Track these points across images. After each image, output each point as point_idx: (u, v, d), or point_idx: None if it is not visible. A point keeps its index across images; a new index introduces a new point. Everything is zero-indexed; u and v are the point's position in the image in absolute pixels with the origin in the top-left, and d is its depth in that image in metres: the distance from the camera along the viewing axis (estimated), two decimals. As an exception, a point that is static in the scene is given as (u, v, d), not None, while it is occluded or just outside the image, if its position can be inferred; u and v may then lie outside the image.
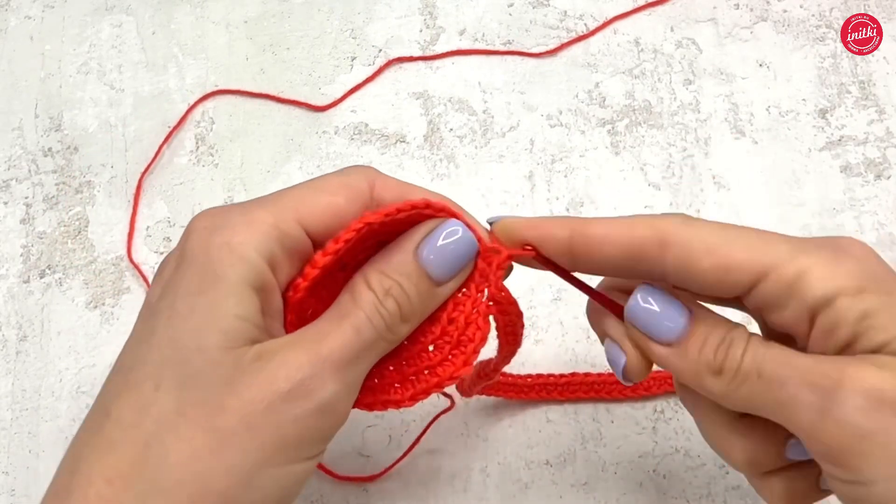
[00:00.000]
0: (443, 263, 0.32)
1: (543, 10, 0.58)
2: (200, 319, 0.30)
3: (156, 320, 0.31)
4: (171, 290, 0.31)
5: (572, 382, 0.46)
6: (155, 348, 0.30)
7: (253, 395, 0.29)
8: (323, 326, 0.31)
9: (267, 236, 0.31)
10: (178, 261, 0.31)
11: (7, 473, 0.48)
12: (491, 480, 0.46)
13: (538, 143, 0.54)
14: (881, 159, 0.53)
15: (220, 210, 0.32)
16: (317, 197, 0.32)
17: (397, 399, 0.34)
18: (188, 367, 0.29)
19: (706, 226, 0.31)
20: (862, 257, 0.30)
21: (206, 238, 0.31)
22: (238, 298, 0.30)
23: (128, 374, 0.31)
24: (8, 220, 0.54)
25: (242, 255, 0.30)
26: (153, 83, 0.58)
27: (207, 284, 0.30)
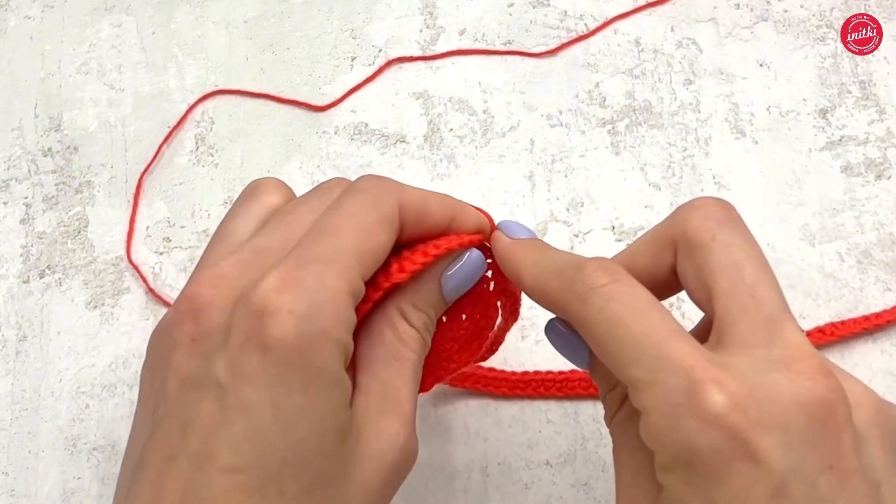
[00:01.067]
0: (458, 288, 0.34)
1: (543, 10, 0.58)
2: (315, 421, 0.28)
3: (255, 417, 0.27)
4: (265, 385, 0.27)
5: (571, 379, 0.46)
6: (270, 452, 0.27)
7: (368, 476, 0.30)
8: (385, 376, 0.31)
9: (349, 307, 0.29)
10: (259, 345, 0.27)
11: (7, 474, 0.48)
12: (491, 480, 0.46)
13: (538, 143, 0.54)
14: (882, 159, 0.53)
15: (290, 280, 0.28)
16: (369, 241, 0.30)
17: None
18: (311, 470, 0.28)
19: (596, 313, 0.28)
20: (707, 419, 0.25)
21: (298, 326, 0.27)
22: (342, 390, 0.29)
23: (238, 475, 0.27)
24: (7, 220, 0.54)
25: (339, 342, 0.28)
26: (153, 83, 0.57)
27: (312, 381, 0.28)
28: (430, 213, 0.33)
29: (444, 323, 0.36)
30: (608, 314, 0.28)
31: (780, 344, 0.26)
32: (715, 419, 0.24)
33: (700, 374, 0.25)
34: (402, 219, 0.31)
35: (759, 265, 0.28)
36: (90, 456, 0.48)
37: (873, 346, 0.48)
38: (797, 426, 0.25)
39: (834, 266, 0.50)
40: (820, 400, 0.25)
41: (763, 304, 0.27)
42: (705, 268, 0.29)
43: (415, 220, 0.32)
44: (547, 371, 0.46)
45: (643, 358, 0.26)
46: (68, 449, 0.48)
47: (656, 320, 0.27)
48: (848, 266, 0.50)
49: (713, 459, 0.25)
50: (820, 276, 0.50)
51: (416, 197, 0.32)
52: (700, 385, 0.25)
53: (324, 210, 0.31)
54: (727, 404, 0.25)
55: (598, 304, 0.28)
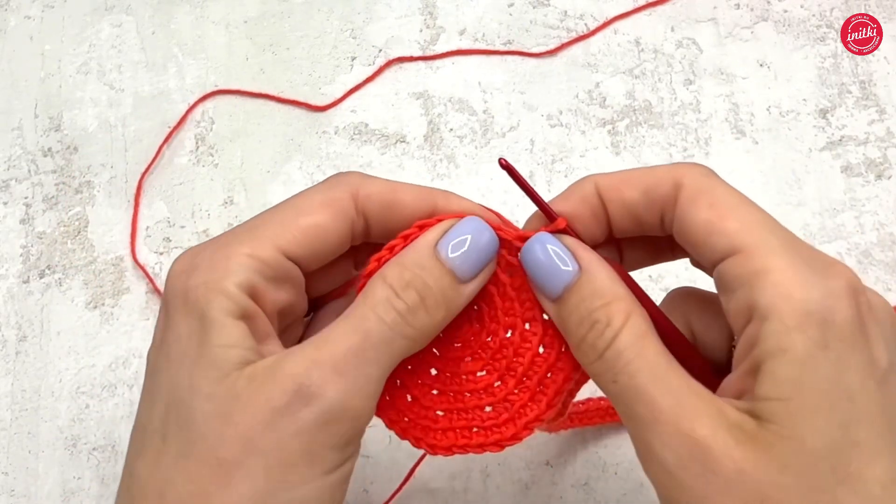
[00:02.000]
0: (465, 259, 0.31)
1: (543, 10, 0.58)
2: (191, 361, 0.30)
3: (157, 374, 0.31)
4: (164, 341, 0.31)
5: (590, 409, 0.44)
6: (158, 401, 0.30)
7: (249, 417, 0.28)
8: (326, 331, 0.30)
9: (244, 268, 0.31)
10: (164, 310, 0.32)
11: (7, 474, 0.48)
12: (491, 480, 0.46)
13: (538, 143, 0.54)
14: (882, 159, 0.53)
15: (195, 250, 0.32)
16: (297, 219, 0.32)
17: (536, 414, 0.32)
18: (185, 409, 0.29)
19: (725, 188, 0.31)
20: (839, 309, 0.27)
21: (184, 282, 0.31)
22: (220, 329, 0.30)
23: (142, 432, 0.31)
24: (8, 220, 0.54)
25: (219, 290, 0.30)
26: (153, 83, 0.57)
27: (193, 327, 0.30)
28: (401, 203, 0.32)
29: (527, 330, 0.33)
30: (736, 192, 0.32)
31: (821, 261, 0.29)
32: (852, 291, 0.27)
33: (830, 258, 0.29)
34: (362, 206, 0.32)
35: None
36: (90, 456, 0.48)
37: (873, 346, 0.48)
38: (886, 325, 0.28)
39: (834, 266, 0.50)
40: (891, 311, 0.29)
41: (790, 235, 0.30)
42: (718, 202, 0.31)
43: (379, 209, 0.32)
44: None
45: (776, 230, 0.30)
46: (68, 449, 0.48)
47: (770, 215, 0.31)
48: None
49: (848, 324, 0.27)
50: (820, 276, 0.50)
51: (380, 186, 0.33)
52: (835, 264, 0.28)
53: None
54: (859, 285, 0.28)
55: (724, 184, 0.32)
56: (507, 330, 0.33)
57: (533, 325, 0.33)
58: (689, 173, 0.31)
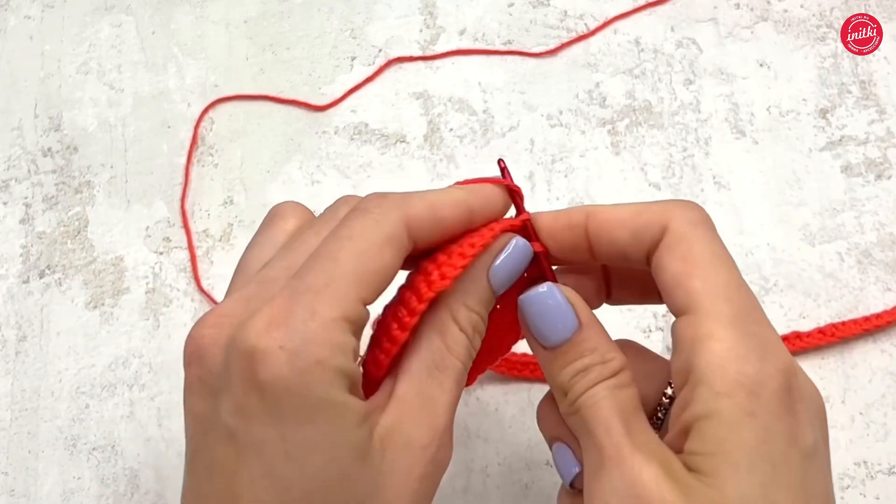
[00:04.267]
0: (507, 280, 0.33)
1: (543, 9, 0.58)
2: (328, 449, 0.28)
3: (267, 458, 0.28)
4: (271, 423, 0.27)
5: None
6: (290, 487, 0.28)
7: (397, 493, 0.29)
8: (425, 385, 0.31)
9: (345, 334, 0.28)
10: (255, 386, 0.27)
11: (6, 474, 0.48)
12: (491, 480, 0.46)
13: (538, 143, 0.54)
14: (882, 159, 0.53)
15: (278, 315, 0.28)
16: (367, 264, 0.29)
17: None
18: (335, 496, 0.28)
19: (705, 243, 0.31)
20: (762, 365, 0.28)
21: (291, 361, 0.27)
22: (352, 412, 0.28)
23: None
24: (7, 221, 0.54)
25: (338, 370, 0.28)
26: (153, 83, 0.57)
27: (316, 412, 0.27)
28: (444, 219, 0.32)
29: (497, 311, 0.34)
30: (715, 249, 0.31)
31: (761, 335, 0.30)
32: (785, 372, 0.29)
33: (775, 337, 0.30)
34: (413, 233, 0.31)
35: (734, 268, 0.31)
36: (90, 456, 0.48)
37: (873, 346, 0.48)
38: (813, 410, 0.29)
39: (834, 266, 0.50)
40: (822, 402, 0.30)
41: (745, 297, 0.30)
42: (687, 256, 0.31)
43: (429, 230, 0.31)
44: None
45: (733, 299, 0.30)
46: (68, 449, 0.48)
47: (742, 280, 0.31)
48: (848, 266, 0.50)
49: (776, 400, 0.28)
50: (820, 276, 0.50)
51: (423, 206, 0.31)
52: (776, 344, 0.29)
53: (327, 236, 0.30)
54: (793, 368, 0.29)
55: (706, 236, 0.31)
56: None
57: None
58: (678, 218, 0.31)
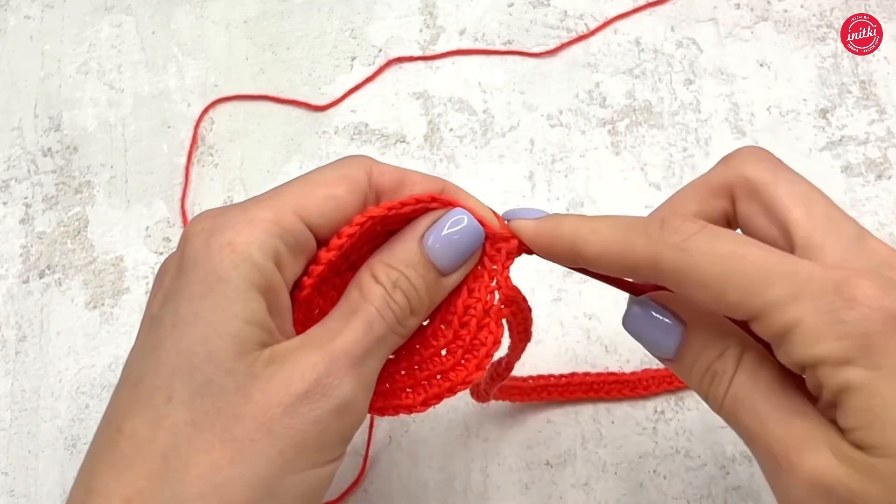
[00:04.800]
0: (449, 253, 0.32)
1: (543, 9, 0.58)
2: (208, 326, 0.29)
3: (160, 329, 0.29)
4: (174, 297, 0.30)
5: (572, 383, 0.46)
6: (163, 359, 0.29)
7: (269, 399, 0.28)
8: (333, 324, 0.31)
9: (269, 234, 0.30)
10: (178, 266, 0.30)
11: (6, 474, 0.48)
12: (491, 480, 0.46)
13: (538, 143, 0.54)
14: (882, 159, 0.53)
15: (219, 211, 0.31)
16: (315, 190, 0.31)
17: (409, 404, 0.34)
18: (199, 377, 0.28)
19: (703, 256, 0.28)
20: (866, 305, 0.26)
21: (206, 240, 0.30)
22: (245, 302, 0.29)
23: (136, 387, 0.29)
24: (7, 221, 0.54)
25: (246, 256, 0.29)
26: (153, 83, 0.57)
27: (211, 288, 0.29)
28: (412, 182, 0.33)
29: (440, 329, 0.34)
30: (718, 251, 0.28)
31: (873, 254, 0.29)
32: (874, 302, 0.26)
33: (838, 273, 0.27)
34: (375, 183, 0.32)
35: (820, 194, 0.31)
36: (90, 456, 0.48)
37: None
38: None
39: (834, 266, 0.50)
40: None
41: (842, 224, 0.30)
42: (776, 202, 0.31)
43: (391, 187, 0.32)
44: (549, 374, 0.46)
45: (776, 277, 0.27)
46: (68, 449, 0.48)
47: (765, 247, 0.28)
48: (848, 266, 0.50)
49: (888, 336, 0.26)
50: (820, 276, 0.50)
51: (392, 167, 0.33)
52: (847, 280, 0.27)
53: None
54: (878, 290, 0.27)
55: (704, 248, 0.28)
56: (425, 319, 0.34)
57: (446, 329, 0.34)
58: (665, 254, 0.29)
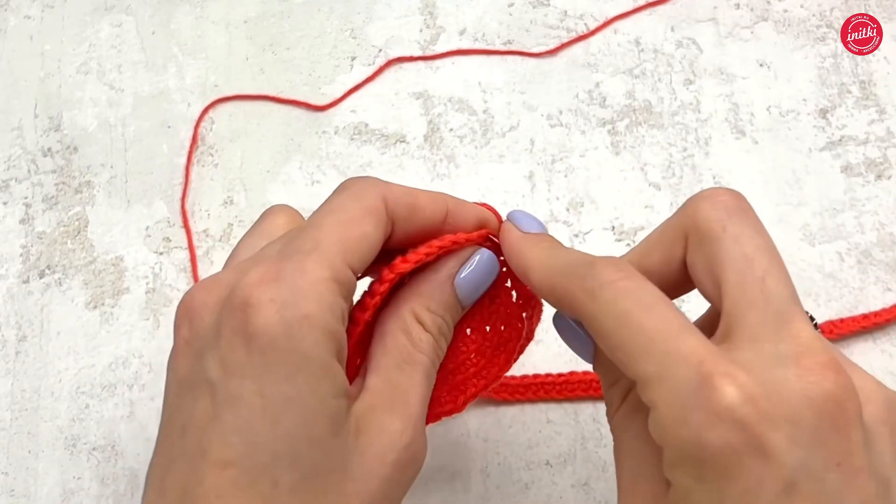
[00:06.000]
0: (473, 291, 0.34)
1: (543, 9, 0.58)
2: (304, 410, 0.28)
3: (243, 410, 0.27)
4: (252, 376, 0.27)
5: (570, 381, 0.46)
6: (261, 444, 0.27)
7: (369, 473, 0.29)
8: (395, 378, 0.31)
9: (334, 294, 0.29)
10: (245, 337, 0.28)
11: (6, 474, 0.47)
12: (491, 480, 0.46)
13: (538, 143, 0.54)
14: (882, 159, 0.53)
15: (273, 271, 0.28)
16: (350, 231, 0.30)
17: (450, 409, 0.35)
18: (304, 461, 0.28)
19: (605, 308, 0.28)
20: (717, 413, 0.24)
21: (282, 315, 0.27)
22: (332, 378, 0.28)
23: (230, 469, 0.27)
24: (7, 220, 0.54)
25: (324, 328, 0.28)
26: (153, 83, 0.57)
27: (299, 369, 0.28)
28: (421, 207, 0.33)
29: (468, 336, 0.35)
30: (617, 309, 0.27)
31: (789, 339, 0.26)
32: (725, 412, 0.24)
33: (709, 367, 0.25)
34: (391, 212, 0.32)
35: (769, 257, 0.28)
36: (90, 456, 0.48)
37: (873, 345, 0.48)
38: (806, 422, 0.24)
39: (834, 266, 0.50)
40: (829, 396, 0.25)
41: (772, 298, 0.27)
42: (715, 259, 0.28)
43: (405, 213, 0.32)
44: (546, 374, 0.46)
45: (652, 353, 0.26)
46: (68, 449, 0.48)
47: (666, 315, 0.27)
48: (848, 266, 0.50)
49: (724, 454, 0.24)
50: (820, 276, 0.50)
51: (402, 191, 0.33)
52: (710, 378, 0.24)
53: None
54: (737, 397, 0.24)
55: (608, 299, 0.28)
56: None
57: (473, 334, 0.35)
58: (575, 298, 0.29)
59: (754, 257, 0.28)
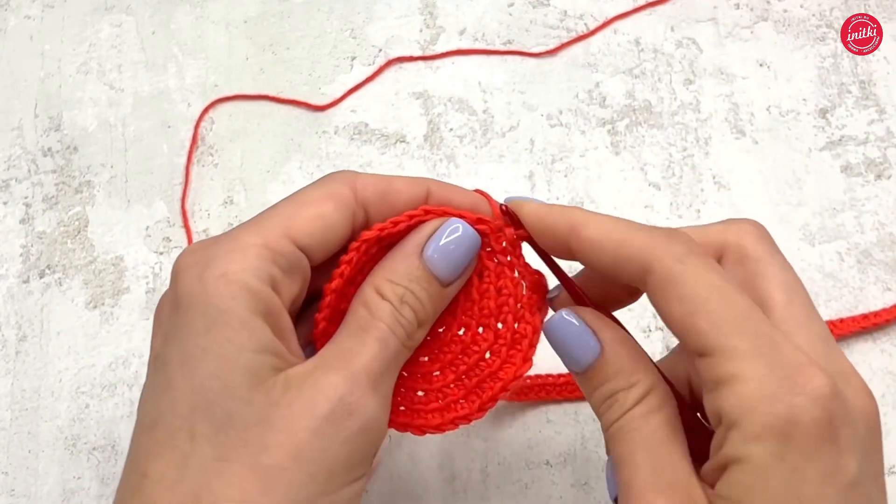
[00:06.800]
0: (448, 264, 0.33)
1: (543, 9, 0.58)
2: (218, 360, 0.29)
3: (168, 369, 0.29)
4: (176, 335, 0.29)
5: (571, 382, 0.46)
6: (177, 398, 0.29)
7: (294, 425, 0.28)
8: (346, 343, 0.31)
9: (261, 259, 0.30)
10: (173, 304, 0.30)
11: (7, 474, 0.48)
12: (491, 480, 0.46)
13: (538, 142, 0.54)
14: (881, 159, 0.53)
15: (206, 242, 0.31)
16: (301, 210, 0.31)
17: (466, 414, 0.34)
18: (219, 411, 0.28)
19: (693, 276, 0.29)
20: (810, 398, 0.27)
21: (199, 274, 0.29)
22: (250, 331, 0.29)
23: (154, 429, 0.29)
24: (7, 220, 0.54)
25: (242, 284, 0.29)
26: (153, 83, 0.57)
27: (214, 321, 0.29)
28: (395, 190, 0.33)
29: (479, 334, 0.35)
30: (711, 280, 0.29)
31: (840, 361, 0.29)
32: (820, 399, 0.26)
33: (804, 358, 0.27)
34: (361, 197, 0.32)
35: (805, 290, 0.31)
36: (90, 456, 0.48)
37: (873, 345, 0.48)
38: (861, 432, 0.28)
39: (834, 266, 0.50)
40: (874, 415, 0.29)
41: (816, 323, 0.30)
42: (763, 280, 0.31)
43: (376, 198, 0.33)
44: (547, 374, 0.46)
45: (747, 330, 0.28)
46: (68, 449, 0.48)
47: (750, 301, 0.29)
48: (848, 266, 0.50)
49: (811, 436, 0.26)
50: (820, 276, 0.50)
51: (373, 178, 0.33)
52: (808, 366, 0.27)
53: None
54: (831, 390, 0.27)
55: (698, 269, 0.29)
56: (461, 328, 0.35)
57: (486, 332, 0.34)
58: (662, 256, 0.29)
59: (796, 288, 0.31)
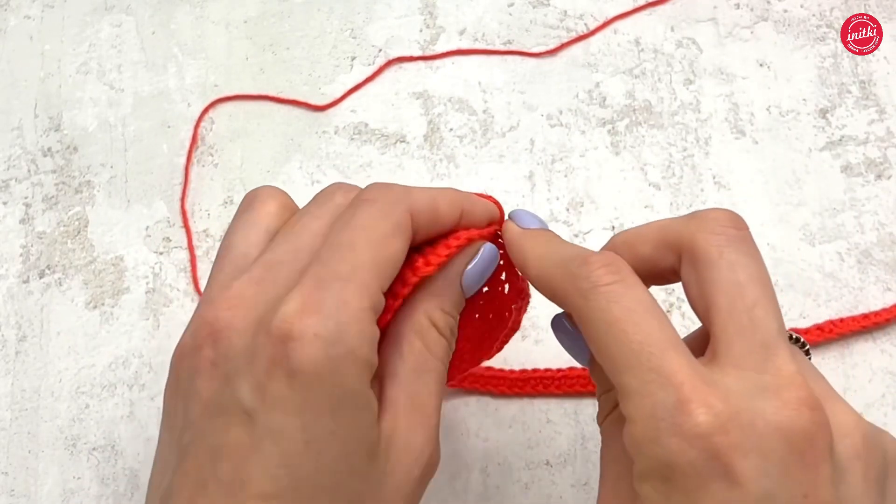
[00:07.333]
0: (475, 284, 0.34)
1: (543, 9, 0.58)
2: (346, 443, 0.28)
3: (286, 444, 0.27)
4: (298, 413, 0.27)
5: (570, 376, 0.46)
6: (302, 477, 0.27)
7: (396, 493, 0.30)
8: (413, 387, 0.31)
9: (372, 324, 0.29)
10: (288, 374, 0.27)
11: (6, 474, 0.48)
12: (491, 480, 0.46)
13: (538, 142, 0.54)
14: (882, 159, 0.53)
15: (314, 301, 0.28)
16: (383, 252, 0.30)
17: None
18: (344, 492, 0.28)
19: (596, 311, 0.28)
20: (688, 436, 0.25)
21: (327, 352, 0.27)
22: (370, 408, 0.29)
23: (269, 501, 0.27)
24: (7, 220, 0.54)
25: (366, 361, 0.28)
26: (153, 83, 0.57)
27: (341, 404, 0.28)
28: (441, 215, 0.32)
29: (474, 320, 0.35)
30: (607, 315, 0.28)
31: (772, 370, 0.27)
32: (697, 439, 0.25)
33: (688, 391, 0.25)
34: (415, 223, 0.31)
35: (761, 287, 0.28)
36: (90, 456, 0.48)
37: (873, 345, 0.48)
38: (776, 454, 0.25)
39: (834, 266, 0.50)
40: (801, 431, 0.25)
41: (760, 328, 0.27)
42: (707, 282, 0.28)
43: (427, 223, 0.32)
44: (546, 368, 0.46)
45: (636, 367, 0.26)
46: (68, 449, 0.48)
47: (654, 329, 0.27)
48: (848, 266, 0.50)
49: (691, 476, 0.25)
50: (820, 275, 0.50)
51: (425, 200, 0.32)
52: (687, 404, 0.25)
53: (335, 223, 0.31)
54: (711, 425, 0.25)
55: (599, 303, 0.28)
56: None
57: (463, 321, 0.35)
58: (571, 295, 0.29)
59: (746, 285, 0.28)
